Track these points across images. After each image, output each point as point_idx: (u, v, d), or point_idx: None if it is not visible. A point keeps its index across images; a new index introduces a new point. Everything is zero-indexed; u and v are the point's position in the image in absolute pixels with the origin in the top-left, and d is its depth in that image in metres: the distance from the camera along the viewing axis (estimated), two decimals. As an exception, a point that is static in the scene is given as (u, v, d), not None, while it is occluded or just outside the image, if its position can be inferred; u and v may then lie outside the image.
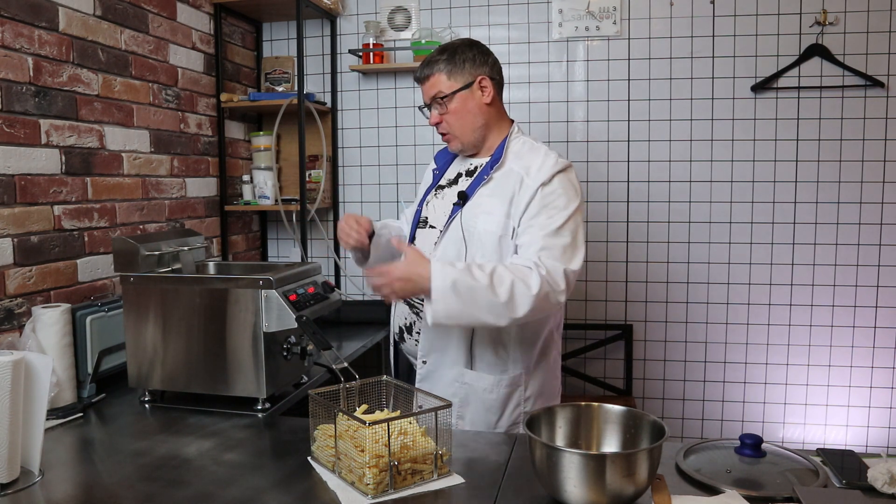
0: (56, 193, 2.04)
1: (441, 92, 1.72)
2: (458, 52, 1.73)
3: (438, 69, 1.72)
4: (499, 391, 1.75)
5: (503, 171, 1.72)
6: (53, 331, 1.78)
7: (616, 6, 2.90)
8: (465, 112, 1.73)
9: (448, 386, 1.77)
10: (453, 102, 1.72)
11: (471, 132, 1.75)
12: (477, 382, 1.76)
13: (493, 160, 1.74)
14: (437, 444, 1.33)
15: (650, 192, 2.96)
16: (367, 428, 1.24)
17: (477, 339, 1.75)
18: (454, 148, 1.81)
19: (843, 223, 2.84)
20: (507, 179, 1.70)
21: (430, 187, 1.90)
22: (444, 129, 1.76)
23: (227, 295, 1.76)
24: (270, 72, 3.21)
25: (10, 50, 1.87)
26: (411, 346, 1.85)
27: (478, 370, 1.76)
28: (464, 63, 1.72)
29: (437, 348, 1.77)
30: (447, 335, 1.75)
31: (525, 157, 1.72)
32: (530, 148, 1.75)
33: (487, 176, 1.72)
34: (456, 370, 1.76)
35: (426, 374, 1.80)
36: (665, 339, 3.03)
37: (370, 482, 1.25)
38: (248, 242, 3.22)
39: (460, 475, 1.34)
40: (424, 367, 1.79)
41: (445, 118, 1.74)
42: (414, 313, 1.82)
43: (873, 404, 2.89)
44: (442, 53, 1.74)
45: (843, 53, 2.75)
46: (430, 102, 1.75)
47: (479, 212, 1.70)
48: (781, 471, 1.31)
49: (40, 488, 1.34)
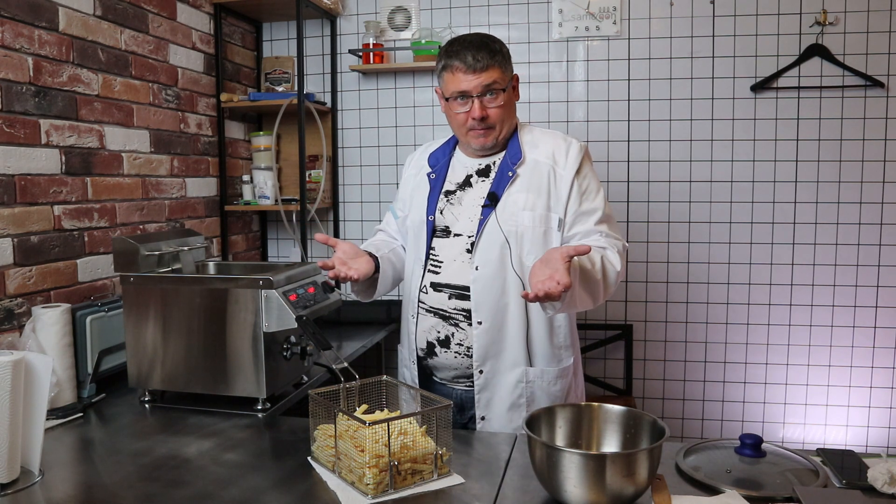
0: (56, 193, 2.04)
1: (497, 83, 1.67)
2: (503, 46, 1.72)
3: (497, 61, 1.67)
4: (562, 382, 1.75)
5: (527, 165, 1.72)
6: (53, 331, 1.78)
7: (616, 6, 2.90)
8: (510, 107, 1.73)
9: (512, 390, 1.72)
10: (506, 95, 1.69)
11: (509, 127, 1.74)
12: (541, 378, 1.73)
13: (512, 156, 1.73)
14: (437, 444, 1.33)
15: (650, 192, 2.96)
16: (367, 428, 1.24)
17: (532, 335, 1.72)
18: (487, 143, 1.72)
19: (843, 223, 2.84)
20: (536, 172, 1.71)
21: (434, 193, 1.79)
22: (489, 122, 1.69)
23: (227, 295, 1.76)
24: (270, 72, 3.21)
25: (10, 50, 1.87)
26: (449, 359, 1.75)
27: (538, 366, 1.74)
28: (509, 58, 1.72)
29: (493, 354, 1.71)
30: (502, 338, 1.71)
31: (542, 145, 1.74)
32: (541, 133, 1.77)
33: (512, 173, 1.71)
34: (518, 371, 1.71)
35: (485, 384, 1.72)
36: (665, 339, 3.03)
37: (370, 482, 1.25)
38: (248, 242, 3.22)
39: (461, 475, 1.34)
40: (482, 376, 1.72)
41: (492, 111, 1.68)
42: (451, 324, 1.73)
43: (873, 404, 2.89)
44: (494, 43, 1.69)
45: (843, 53, 2.75)
46: (481, 93, 1.67)
47: (516, 209, 1.68)
48: (781, 471, 1.31)
49: (40, 488, 1.34)
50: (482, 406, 1.73)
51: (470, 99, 1.67)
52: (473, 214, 1.72)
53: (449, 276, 1.73)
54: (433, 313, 1.76)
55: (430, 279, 1.76)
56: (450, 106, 1.72)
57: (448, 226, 1.75)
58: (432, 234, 1.77)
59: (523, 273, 1.67)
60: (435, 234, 1.77)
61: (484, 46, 1.67)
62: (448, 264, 1.73)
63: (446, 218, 1.76)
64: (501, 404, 1.73)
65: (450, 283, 1.73)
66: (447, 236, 1.75)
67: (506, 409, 1.73)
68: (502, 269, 1.68)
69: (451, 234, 1.75)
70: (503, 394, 1.72)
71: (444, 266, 1.74)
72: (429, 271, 1.76)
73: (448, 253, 1.74)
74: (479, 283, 1.68)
